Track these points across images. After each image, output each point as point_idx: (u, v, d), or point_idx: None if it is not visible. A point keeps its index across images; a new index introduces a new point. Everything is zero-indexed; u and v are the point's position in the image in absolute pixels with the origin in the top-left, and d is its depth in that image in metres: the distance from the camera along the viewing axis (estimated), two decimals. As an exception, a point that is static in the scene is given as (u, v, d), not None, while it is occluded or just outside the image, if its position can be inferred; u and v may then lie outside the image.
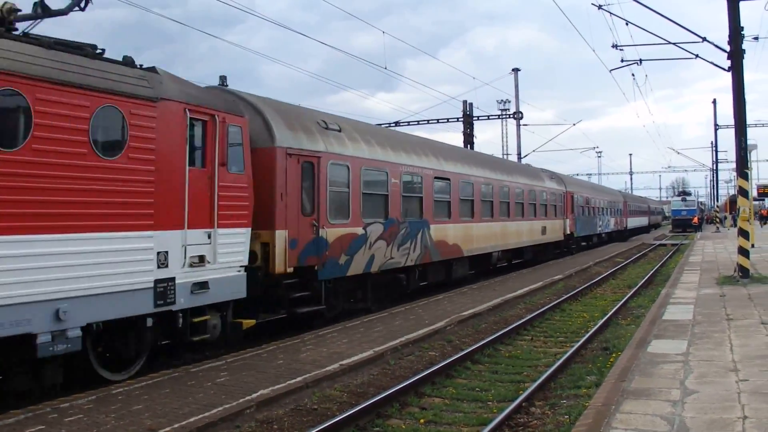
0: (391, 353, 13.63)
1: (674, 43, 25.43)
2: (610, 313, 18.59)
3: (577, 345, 14.44)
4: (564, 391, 11.29)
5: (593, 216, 51.08)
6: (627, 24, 25.94)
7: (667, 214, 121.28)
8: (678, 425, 7.72)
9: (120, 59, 11.49)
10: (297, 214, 15.55)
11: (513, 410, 9.93)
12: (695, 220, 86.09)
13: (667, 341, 12.83)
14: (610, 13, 25.38)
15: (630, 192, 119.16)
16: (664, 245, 57.10)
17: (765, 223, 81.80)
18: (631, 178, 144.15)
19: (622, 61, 29.01)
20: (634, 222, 77.07)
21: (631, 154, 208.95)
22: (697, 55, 25.36)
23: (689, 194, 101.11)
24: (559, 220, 40.25)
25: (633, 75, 68.49)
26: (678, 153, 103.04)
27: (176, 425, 8.64)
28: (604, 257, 41.46)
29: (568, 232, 42.32)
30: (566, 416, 9.66)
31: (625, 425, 7.83)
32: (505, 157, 55.49)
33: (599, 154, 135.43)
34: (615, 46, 27.62)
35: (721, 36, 23.18)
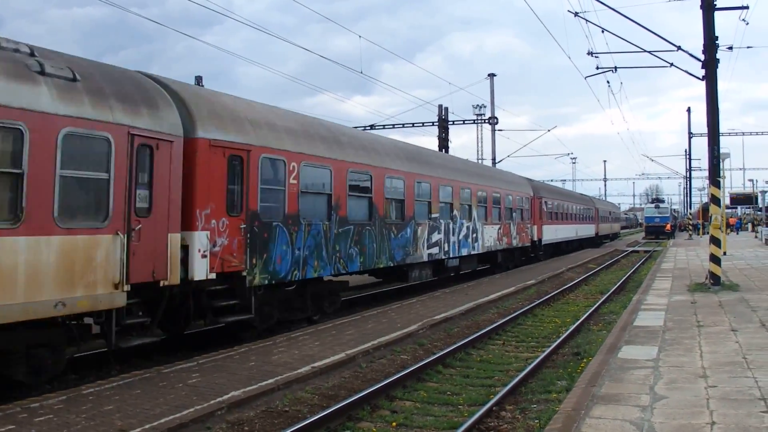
0: (362, 356, 13.62)
1: (650, 52, 25.64)
2: (582, 319, 18.68)
3: (548, 350, 14.49)
4: (535, 396, 11.33)
5: (384, 217, 21.48)
6: (603, 32, 26.09)
7: (640, 221, 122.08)
8: (647, 430, 7.77)
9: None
10: None
11: (483, 414, 9.94)
12: (668, 227, 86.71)
13: (638, 347, 12.92)
14: (586, 20, 25.56)
15: (603, 198, 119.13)
16: (637, 252, 57.42)
17: (729, 232, 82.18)
18: (605, 185, 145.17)
19: (598, 68, 29.19)
20: (557, 232, 48.02)
21: (605, 161, 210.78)
22: (671, 64, 25.60)
23: (662, 201, 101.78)
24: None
25: (608, 82, 69.08)
26: (652, 160, 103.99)
27: (147, 426, 8.59)
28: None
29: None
30: (536, 420, 9.69)
31: (594, 430, 7.87)
32: (480, 162, 55.53)
33: (574, 161, 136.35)
34: (591, 54, 27.81)
35: (696, 45, 23.70)
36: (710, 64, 22.70)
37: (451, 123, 48.94)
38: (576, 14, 25.04)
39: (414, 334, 16.18)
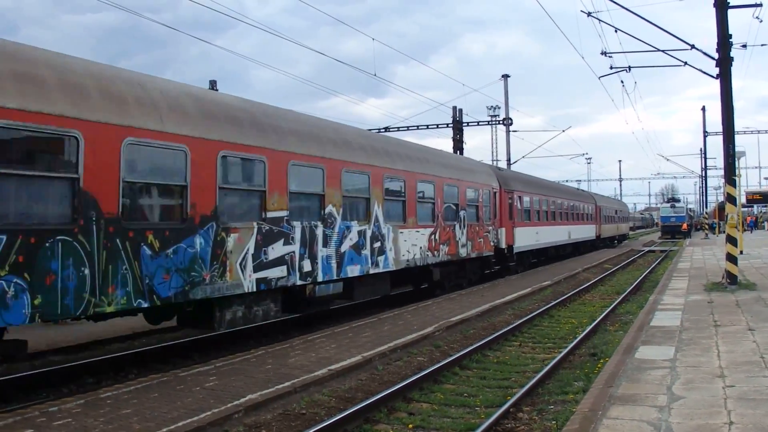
0: (379, 358, 13.63)
1: (663, 51, 25.57)
2: (599, 320, 18.64)
3: (565, 351, 14.47)
4: (551, 397, 11.31)
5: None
6: (616, 31, 26.04)
7: (656, 221, 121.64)
8: (664, 431, 7.75)
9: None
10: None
11: (500, 415, 9.94)
12: (684, 226, 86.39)
13: (655, 347, 12.88)
14: (599, 20, 25.51)
15: (618, 198, 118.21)
16: (653, 251, 57.22)
17: (744, 231, 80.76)
18: (621, 185, 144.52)
19: (612, 68, 29.15)
20: (540, 235, 38.18)
21: (620, 161, 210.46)
22: (685, 63, 25.54)
23: (678, 201, 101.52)
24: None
25: (622, 82, 68.53)
26: (667, 160, 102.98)
27: (165, 429, 8.62)
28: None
29: None
30: (553, 421, 9.69)
31: (611, 430, 7.86)
32: (494, 164, 55.37)
33: (589, 161, 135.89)
34: (604, 53, 27.77)
35: (709, 43, 23.42)
36: (724, 62, 22.61)
37: (466, 124, 48.80)
38: (589, 14, 25.01)
39: (430, 336, 16.18)
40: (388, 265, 19.95)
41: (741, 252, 31.24)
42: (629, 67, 29.03)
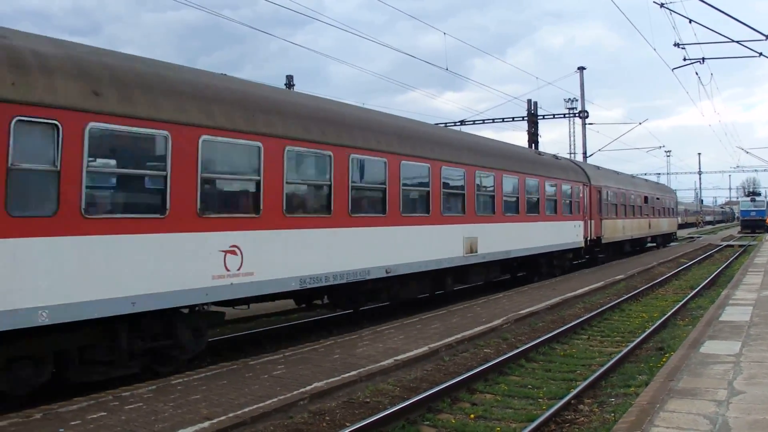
0: (445, 350, 13.83)
1: (737, 41, 25.09)
2: (669, 314, 18.51)
3: (631, 345, 14.46)
4: (614, 390, 11.39)
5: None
6: (690, 22, 25.61)
7: (737, 215, 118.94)
8: (720, 425, 7.80)
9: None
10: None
11: (561, 407, 10.07)
12: None
13: (721, 342, 12.83)
14: (671, 11, 25.14)
15: (697, 192, 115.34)
16: (732, 246, 56.13)
17: None
18: (700, 178, 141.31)
19: (685, 59, 28.72)
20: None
21: (699, 154, 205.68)
22: (761, 54, 25.02)
23: (759, 194, 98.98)
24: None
25: (697, 74, 66.64)
26: (747, 152, 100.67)
27: (231, 414, 9.00)
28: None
29: None
30: (612, 414, 9.80)
31: (667, 423, 7.94)
32: (572, 156, 54.84)
33: (668, 153, 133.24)
34: (677, 45, 27.33)
35: (788, 33, 22.83)
36: (802, 53, 22.15)
37: (541, 117, 48.53)
38: (662, 5, 24.68)
39: (498, 328, 16.30)
40: None
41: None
42: (703, 59, 28.54)
